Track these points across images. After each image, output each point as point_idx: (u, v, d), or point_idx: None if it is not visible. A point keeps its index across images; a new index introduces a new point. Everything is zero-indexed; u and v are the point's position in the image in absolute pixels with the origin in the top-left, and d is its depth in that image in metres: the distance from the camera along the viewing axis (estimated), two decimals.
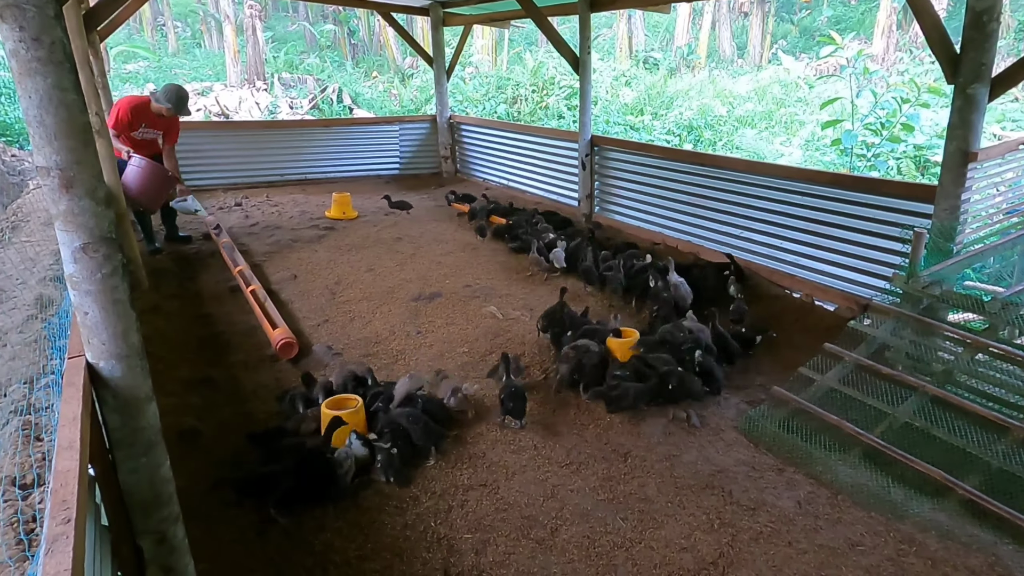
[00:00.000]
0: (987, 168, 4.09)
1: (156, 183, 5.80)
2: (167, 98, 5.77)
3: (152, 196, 5.84)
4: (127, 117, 5.72)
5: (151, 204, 5.96)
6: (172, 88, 5.87)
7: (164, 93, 5.81)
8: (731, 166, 5.75)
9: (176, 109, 5.80)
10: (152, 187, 5.75)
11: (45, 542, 1.16)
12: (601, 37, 24.63)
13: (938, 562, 2.46)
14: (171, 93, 5.81)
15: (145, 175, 5.67)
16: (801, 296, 5.00)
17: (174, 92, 5.82)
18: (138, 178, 5.64)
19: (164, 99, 5.75)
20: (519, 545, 2.59)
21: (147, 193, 5.74)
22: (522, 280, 5.51)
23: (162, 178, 5.85)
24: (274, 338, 4.19)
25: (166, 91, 5.83)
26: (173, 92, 5.82)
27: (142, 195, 5.71)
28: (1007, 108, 12.80)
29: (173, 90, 5.84)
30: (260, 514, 2.74)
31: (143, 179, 5.67)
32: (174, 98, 5.79)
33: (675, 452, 3.17)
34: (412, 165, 10.22)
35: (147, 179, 5.68)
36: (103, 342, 1.66)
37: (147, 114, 5.82)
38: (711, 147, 14.21)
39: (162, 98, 5.76)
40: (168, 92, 5.82)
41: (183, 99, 5.83)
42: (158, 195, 5.92)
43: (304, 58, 23.17)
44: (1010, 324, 3.33)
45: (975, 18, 3.60)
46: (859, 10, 24.62)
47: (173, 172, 6.02)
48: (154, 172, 5.75)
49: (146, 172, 5.68)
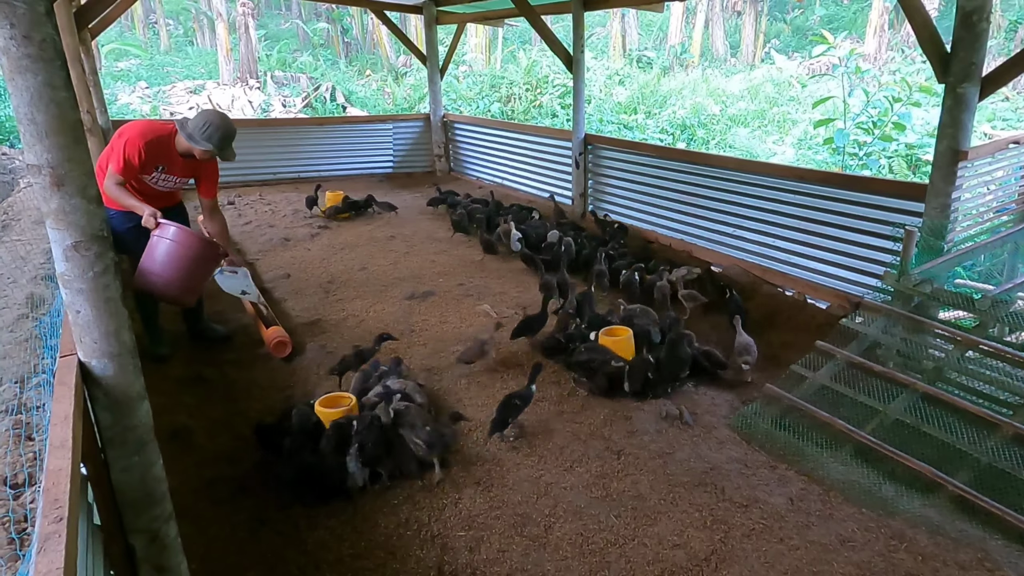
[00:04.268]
0: (977, 167, 4.12)
1: (200, 265, 3.78)
2: (206, 136, 3.72)
3: (191, 285, 3.79)
4: (139, 156, 3.68)
5: (186, 296, 3.83)
6: (215, 119, 3.78)
7: (202, 127, 3.74)
8: (724, 165, 5.77)
9: (219, 151, 3.82)
10: (193, 271, 3.75)
11: (37, 541, 1.16)
12: (594, 36, 24.65)
13: (928, 557, 2.48)
14: (213, 128, 3.74)
15: (184, 254, 3.64)
16: (793, 294, 5.02)
17: (218, 127, 3.76)
18: (173, 258, 3.61)
19: (202, 137, 3.72)
20: (513, 543, 2.59)
21: (185, 280, 3.70)
22: (516, 279, 5.51)
23: (208, 257, 3.84)
24: (268, 337, 4.18)
25: (206, 125, 3.74)
26: (216, 127, 3.75)
27: (177, 283, 3.66)
28: (997, 107, 12.90)
29: (216, 123, 3.76)
30: (253, 512, 2.74)
31: (181, 260, 3.64)
32: (217, 137, 3.75)
33: (668, 449, 3.18)
34: (406, 163, 10.21)
35: (188, 260, 3.66)
36: (95, 340, 1.65)
37: (169, 152, 3.83)
38: (704, 146, 14.24)
39: (198, 135, 3.72)
40: (209, 126, 3.74)
41: (229, 137, 3.83)
42: (199, 282, 3.90)
43: (297, 56, 23.11)
44: (1000, 322, 3.36)
45: (965, 18, 3.62)
46: (851, 9, 24.74)
47: (221, 244, 4.07)
48: (199, 248, 3.71)
49: (186, 249, 3.64)
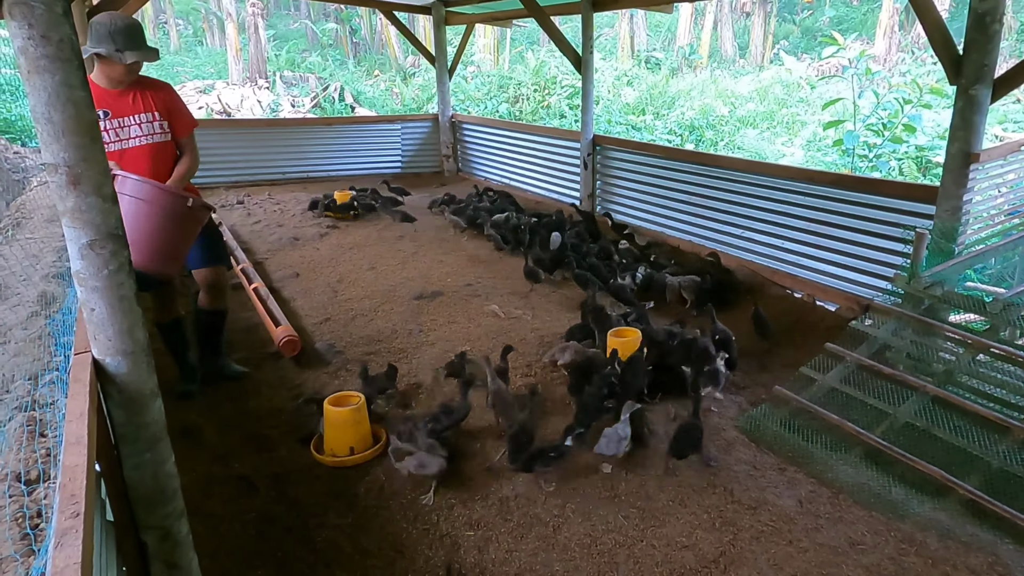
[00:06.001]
0: (989, 169, 4.10)
1: (167, 223, 2.98)
2: (96, 38, 2.90)
3: (161, 249, 2.98)
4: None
5: (163, 263, 3.03)
6: (100, 17, 2.93)
7: (91, 34, 2.92)
8: (733, 166, 5.76)
9: (126, 49, 2.91)
10: (160, 231, 2.96)
11: (54, 536, 1.17)
12: (603, 37, 24.62)
13: (938, 561, 2.47)
14: (99, 26, 2.89)
15: (143, 210, 2.89)
16: (802, 296, 5.00)
17: (104, 23, 2.89)
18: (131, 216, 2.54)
19: (93, 42, 2.90)
20: (521, 543, 2.60)
21: (151, 244, 2.93)
22: (524, 279, 5.51)
23: (173, 211, 2.98)
24: (276, 336, 4.19)
25: (93, 27, 2.91)
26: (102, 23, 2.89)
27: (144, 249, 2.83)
28: (1009, 109, 12.79)
29: (102, 19, 2.91)
30: (262, 511, 2.76)
31: (140, 217, 2.87)
32: (104, 31, 2.88)
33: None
34: (414, 164, 10.24)
35: (150, 217, 2.92)
36: (109, 338, 1.67)
37: (96, 90, 3.00)
38: (713, 147, 14.21)
39: (90, 44, 2.90)
40: (96, 26, 2.90)
41: (127, 31, 2.93)
42: (172, 246, 3.06)
43: (306, 56, 23.19)
44: (1011, 325, 3.34)
45: (978, 19, 3.60)
46: (861, 10, 24.62)
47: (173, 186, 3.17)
48: (156, 199, 2.92)
49: (146, 205, 2.90)
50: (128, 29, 2.93)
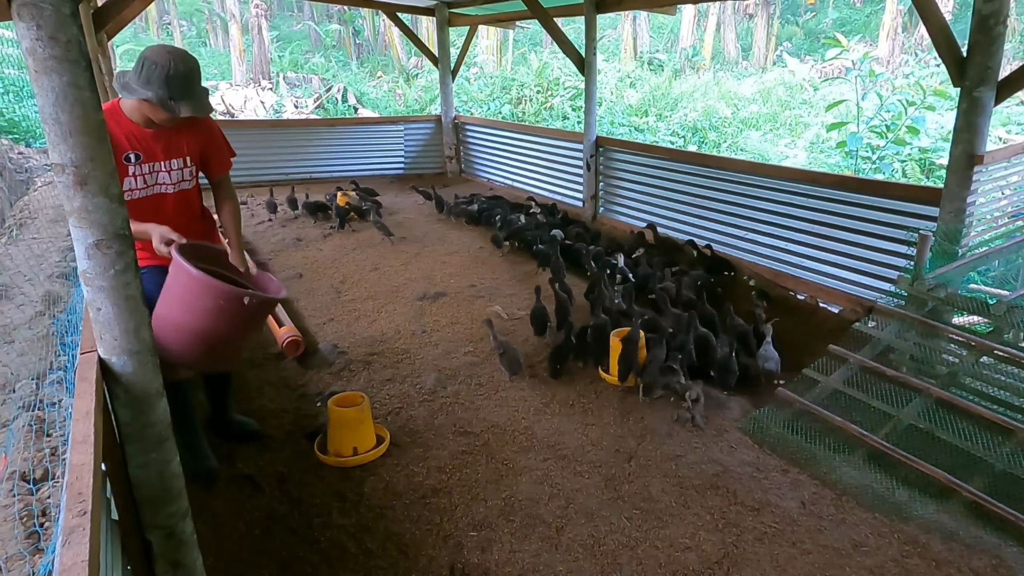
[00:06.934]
0: (993, 171, 4.09)
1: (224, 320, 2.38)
2: (144, 80, 2.54)
3: (217, 347, 2.45)
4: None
5: (220, 360, 2.61)
6: (156, 55, 2.55)
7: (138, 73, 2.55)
8: (735, 168, 5.75)
9: (178, 98, 2.56)
10: (217, 328, 2.38)
11: (61, 534, 1.17)
12: (606, 38, 24.64)
13: (942, 563, 2.47)
14: (155, 67, 2.52)
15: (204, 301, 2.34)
16: (805, 298, 5.00)
17: (163, 66, 2.53)
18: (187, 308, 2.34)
19: (140, 84, 2.54)
20: (524, 544, 2.60)
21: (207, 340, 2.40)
22: (528, 281, 5.52)
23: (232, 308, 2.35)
24: (280, 336, 4.20)
25: (144, 66, 2.54)
26: (161, 66, 2.52)
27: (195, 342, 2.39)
28: (1012, 111, 12.76)
29: (160, 60, 2.53)
30: (266, 511, 2.76)
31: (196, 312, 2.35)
32: (161, 77, 2.52)
33: (679, 452, 3.17)
34: (416, 165, 10.24)
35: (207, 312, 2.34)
36: (115, 338, 1.67)
37: (128, 128, 2.67)
38: (715, 149, 14.21)
39: (136, 83, 2.55)
40: (151, 66, 2.53)
41: (186, 76, 2.58)
42: (231, 341, 2.49)
43: (309, 57, 23.24)
44: (1015, 327, 3.34)
45: (982, 21, 3.60)
46: (864, 12, 24.61)
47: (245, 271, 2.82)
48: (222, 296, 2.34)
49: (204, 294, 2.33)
50: (188, 76, 2.58)
